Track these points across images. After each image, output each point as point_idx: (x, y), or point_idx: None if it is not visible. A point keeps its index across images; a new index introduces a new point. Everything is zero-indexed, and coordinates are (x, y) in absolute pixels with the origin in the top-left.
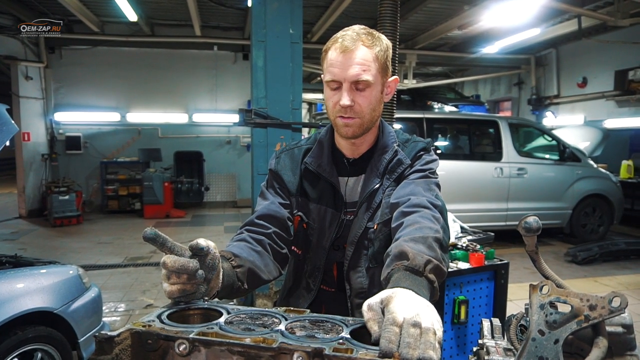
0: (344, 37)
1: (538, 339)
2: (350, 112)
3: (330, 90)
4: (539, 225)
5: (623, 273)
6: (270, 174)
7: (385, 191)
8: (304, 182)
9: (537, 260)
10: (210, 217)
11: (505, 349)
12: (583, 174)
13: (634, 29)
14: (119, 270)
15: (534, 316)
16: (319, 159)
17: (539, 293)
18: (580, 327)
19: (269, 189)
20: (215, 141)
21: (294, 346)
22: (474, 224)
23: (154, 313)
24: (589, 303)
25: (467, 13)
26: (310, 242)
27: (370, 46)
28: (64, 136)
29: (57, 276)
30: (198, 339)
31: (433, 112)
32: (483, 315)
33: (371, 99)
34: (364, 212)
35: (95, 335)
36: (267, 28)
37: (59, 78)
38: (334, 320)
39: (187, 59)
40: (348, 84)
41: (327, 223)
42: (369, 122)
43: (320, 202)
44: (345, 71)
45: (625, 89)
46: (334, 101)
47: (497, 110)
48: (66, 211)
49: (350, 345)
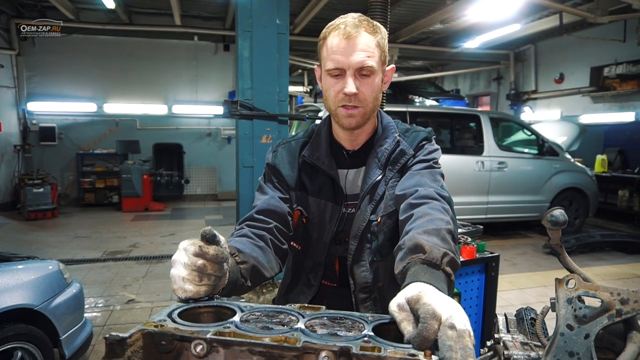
0: (345, 24)
1: (567, 334)
2: (354, 101)
3: (331, 79)
4: (565, 219)
5: (599, 264)
6: (268, 168)
7: (389, 183)
8: (303, 175)
9: (561, 254)
10: (190, 211)
11: (522, 343)
12: (561, 167)
13: (610, 26)
14: (97, 264)
15: (562, 311)
16: (317, 151)
17: (565, 287)
18: (612, 321)
19: (267, 183)
20: (195, 133)
21: (319, 345)
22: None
23: (164, 312)
24: (620, 297)
25: (450, 7)
26: (310, 237)
27: (372, 33)
28: (37, 127)
29: (36, 272)
30: (216, 339)
31: (415, 105)
32: (475, 307)
33: (374, 87)
34: (367, 204)
35: (105, 337)
36: (253, 18)
37: (31, 66)
38: (353, 317)
39: (167, 49)
40: (352, 70)
41: (327, 217)
42: (371, 111)
43: (319, 195)
44: (349, 57)
45: (601, 85)
46: (337, 90)
47: (476, 104)
48: (41, 204)
49: (377, 343)
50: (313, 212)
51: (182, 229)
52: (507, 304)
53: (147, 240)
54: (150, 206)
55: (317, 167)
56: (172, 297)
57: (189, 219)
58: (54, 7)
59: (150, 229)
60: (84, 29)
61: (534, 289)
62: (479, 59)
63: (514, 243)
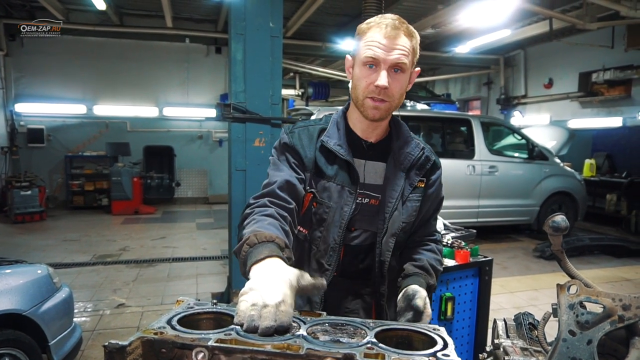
0: (387, 23)
1: (569, 340)
2: (383, 94)
3: (365, 69)
4: (567, 225)
5: (588, 268)
6: (284, 147)
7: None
8: (319, 159)
9: (562, 260)
10: (181, 214)
11: (522, 349)
12: (550, 172)
13: (598, 33)
14: (87, 268)
15: (563, 316)
16: (335, 138)
17: (566, 293)
18: (614, 327)
19: (283, 161)
20: (186, 136)
21: (322, 352)
22: (447, 220)
23: (163, 318)
24: (622, 303)
25: (441, 12)
26: (324, 220)
27: (409, 36)
28: (25, 128)
29: (25, 276)
30: (218, 347)
31: (407, 109)
32: (468, 311)
33: (402, 84)
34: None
35: (104, 345)
36: (246, 21)
37: (20, 67)
38: (354, 323)
39: (158, 51)
40: (387, 66)
41: (343, 202)
42: (395, 107)
43: (336, 180)
44: (388, 53)
45: (589, 90)
46: (369, 81)
47: (467, 109)
48: (28, 207)
49: (380, 349)
50: (329, 196)
51: (172, 232)
52: (498, 307)
53: (137, 244)
54: (141, 209)
55: (335, 152)
56: (162, 302)
57: (179, 222)
58: (44, 8)
59: (140, 232)
60: (74, 30)
61: (524, 292)
62: (470, 64)
63: (504, 247)
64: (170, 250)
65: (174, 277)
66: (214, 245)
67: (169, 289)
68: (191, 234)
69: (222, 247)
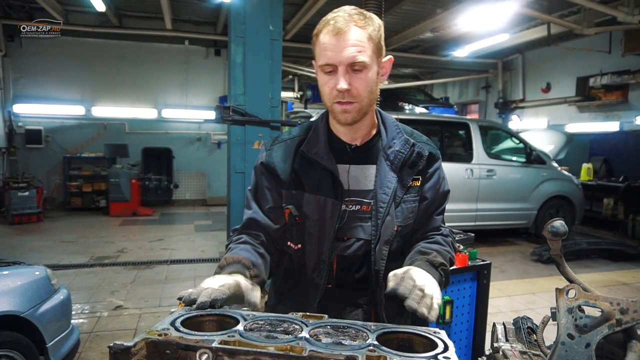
0: (336, 19)
1: (568, 343)
2: (348, 97)
3: (325, 75)
4: (565, 230)
5: (585, 272)
6: (262, 168)
7: (409, 190)
8: (300, 172)
9: (561, 264)
10: (179, 216)
11: (521, 352)
12: (548, 176)
13: (596, 38)
14: (84, 270)
15: (562, 320)
16: (316, 146)
17: (565, 297)
18: (612, 331)
19: (256, 193)
20: (185, 138)
21: (325, 354)
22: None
23: (166, 320)
24: (619, 307)
25: (440, 17)
26: (310, 234)
27: (363, 26)
28: (23, 129)
29: (23, 277)
30: (222, 348)
31: (405, 113)
32: (466, 315)
33: (368, 81)
34: (394, 210)
35: (109, 346)
36: (246, 24)
37: (18, 68)
38: (356, 325)
39: (157, 53)
40: (344, 67)
41: (327, 214)
42: (367, 105)
43: (318, 191)
44: (340, 53)
45: (586, 95)
46: (330, 86)
47: (465, 112)
48: (26, 208)
49: (382, 352)
50: (312, 209)
51: (170, 234)
52: (496, 311)
53: (135, 246)
54: (139, 211)
55: (315, 162)
56: (160, 304)
57: (177, 224)
58: (42, 9)
59: (138, 234)
60: (73, 31)
61: (522, 296)
62: (468, 68)
63: (502, 250)
64: (168, 252)
65: (172, 279)
66: (212, 247)
67: (166, 291)
68: (189, 236)
69: (220, 249)
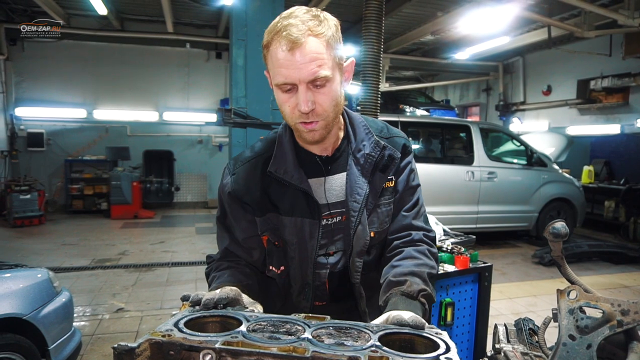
0: (289, 29)
1: (569, 344)
2: (312, 116)
3: (283, 94)
4: (566, 231)
5: (586, 274)
6: (228, 199)
7: (382, 194)
8: (271, 194)
9: (562, 266)
10: (180, 218)
11: (522, 354)
12: (549, 178)
13: (596, 41)
14: (86, 272)
15: (563, 321)
16: (284, 164)
17: (566, 298)
18: (613, 332)
19: (228, 221)
20: (186, 140)
21: (328, 355)
22: (447, 226)
23: (170, 321)
24: (620, 308)
25: (440, 19)
26: (292, 258)
27: (319, 34)
28: (25, 132)
29: (25, 280)
30: (225, 349)
31: (406, 115)
32: (467, 317)
33: (332, 95)
34: (366, 218)
35: (114, 347)
36: (248, 27)
37: (20, 71)
38: (358, 326)
39: (158, 56)
40: (304, 85)
41: (306, 235)
42: (333, 119)
43: (294, 213)
44: (298, 71)
45: (587, 97)
46: (291, 106)
47: (466, 115)
48: (27, 211)
49: (384, 353)
50: (289, 232)
51: (172, 236)
52: (497, 313)
53: (136, 248)
54: (140, 213)
55: (286, 183)
56: (162, 306)
57: (179, 227)
58: (45, 13)
59: (139, 237)
60: (75, 34)
61: (523, 298)
62: (469, 70)
63: (503, 252)
64: (169, 254)
65: (173, 282)
66: (213, 249)
67: (168, 293)
68: (190, 238)
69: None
